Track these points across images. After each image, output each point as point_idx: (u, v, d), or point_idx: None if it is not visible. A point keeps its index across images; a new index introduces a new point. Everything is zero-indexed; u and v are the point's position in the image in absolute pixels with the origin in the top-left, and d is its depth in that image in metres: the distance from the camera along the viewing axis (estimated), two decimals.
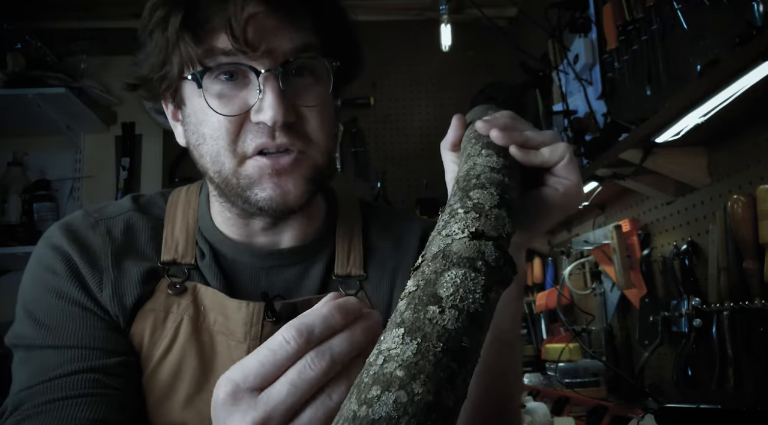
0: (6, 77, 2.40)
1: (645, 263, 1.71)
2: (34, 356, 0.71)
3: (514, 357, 0.68)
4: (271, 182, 0.70)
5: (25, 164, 2.71)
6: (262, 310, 0.74)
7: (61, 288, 0.73)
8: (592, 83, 2.06)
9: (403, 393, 0.35)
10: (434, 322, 0.39)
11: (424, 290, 0.42)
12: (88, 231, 0.77)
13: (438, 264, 0.44)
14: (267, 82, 0.68)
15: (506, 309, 0.63)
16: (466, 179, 0.54)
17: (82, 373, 0.68)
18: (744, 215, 1.25)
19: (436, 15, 2.79)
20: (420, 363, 0.37)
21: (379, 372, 0.37)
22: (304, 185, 0.72)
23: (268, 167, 0.70)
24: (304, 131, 0.72)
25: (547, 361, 2.17)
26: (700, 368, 1.43)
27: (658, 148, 1.44)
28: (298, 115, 0.71)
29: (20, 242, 2.40)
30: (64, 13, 2.83)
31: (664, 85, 1.60)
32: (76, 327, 0.71)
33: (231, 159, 0.70)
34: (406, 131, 3.04)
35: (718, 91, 1.14)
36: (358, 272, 0.82)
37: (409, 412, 0.34)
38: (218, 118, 0.69)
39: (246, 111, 0.69)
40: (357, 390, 0.37)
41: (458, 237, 0.46)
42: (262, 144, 0.69)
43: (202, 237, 0.81)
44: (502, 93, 2.79)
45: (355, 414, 0.35)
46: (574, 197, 0.61)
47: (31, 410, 0.66)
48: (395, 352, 0.37)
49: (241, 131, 0.70)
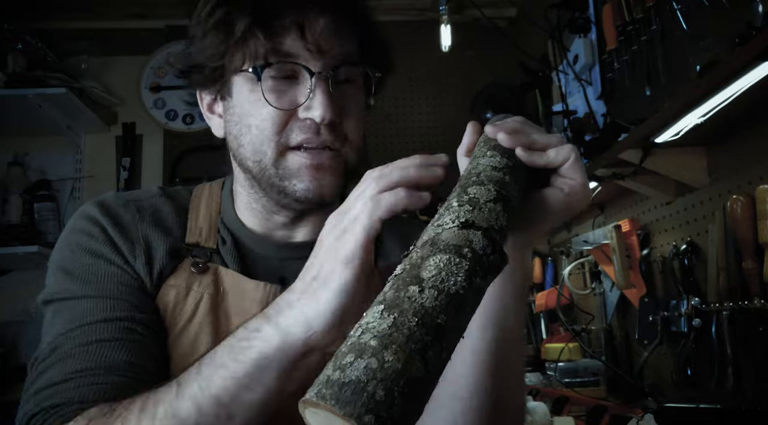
0: (7, 77, 2.41)
1: (644, 263, 1.71)
2: (70, 306, 0.75)
3: (517, 353, 0.70)
4: (310, 175, 0.76)
5: (25, 164, 2.71)
6: (278, 292, 0.77)
7: (97, 248, 0.77)
8: (591, 83, 2.06)
9: (374, 360, 0.38)
10: (413, 300, 0.42)
11: (409, 272, 0.45)
12: (120, 208, 0.82)
13: (426, 250, 0.47)
14: (319, 83, 0.74)
15: (509, 308, 0.65)
16: (467, 177, 0.56)
17: (117, 321, 0.73)
18: (743, 215, 1.25)
19: (436, 15, 2.79)
20: (394, 334, 0.40)
21: (355, 342, 0.40)
22: (338, 180, 0.78)
23: (309, 161, 0.76)
24: (343, 132, 0.78)
25: (547, 361, 2.17)
26: (700, 368, 1.43)
27: (658, 148, 1.44)
28: (341, 116, 0.77)
29: (21, 242, 2.40)
30: (65, 13, 2.83)
31: (663, 86, 1.60)
32: (111, 281, 0.76)
33: (273, 150, 0.76)
34: (406, 131, 3.04)
35: (718, 91, 1.14)
36: None
37: (378, 377, 0.37)
38: (269, 110, 0.75)
39: (296, 107, 0.75)
40: (334, 359, 0.40)
41: (448, 227, 0.48)
42: (307, 139, 0.75)
43: (224, 227, 0.85)
44: (502, 93, 2.80)
45: (328, 378, 0.38)
46: (580, 196, 0.63)
47: (68, 351, 0.70)
48: (372, 325, 0.41)
49: (288, 125, 0.76)
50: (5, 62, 2.44)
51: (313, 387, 0.39)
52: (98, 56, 2.82)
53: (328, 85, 0.75)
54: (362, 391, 0.37)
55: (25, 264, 2.46)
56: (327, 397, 0.37)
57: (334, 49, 0.76)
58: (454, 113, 3.00)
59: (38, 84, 2.43)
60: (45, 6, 2.76)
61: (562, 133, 2.09)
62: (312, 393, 0.38)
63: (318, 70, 0.74)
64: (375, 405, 0.36)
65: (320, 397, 0.37)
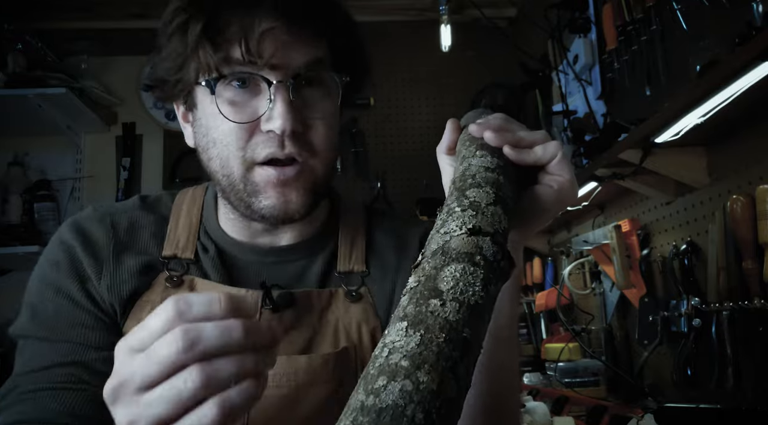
0: (7, 77, 2.41)
1: (644, 263, 1.71)
2: (28, 346, 0.75)
3: (512, 352, 0.70)
4: (275, 191, 0.73)
5: (25, 164, 2.72)
6: (260, 298, 0.76)
7: (60, 283, 0.77)
8: (591, 83, 2.06)
9: (409, 382, 0.36)
10: (436, 314, 0.40)
11: (425, 285, 0.43)
12: (94, 224, 0.81)
13: (438, 260, 0.45)
14: (278, 93, 0.71)
15: (504, 306, 0.65)
16: (462, 179, 0.55)
17: (63, 367, 0.72)
18: (743, 215, 1.25)
19: (436, 15, 2.80)
20: (424, 353, 0.38)
21: (384, 363, 0.38)
22: (305, 196, 0.75)
23: (274, 177, 0.73)
24: (309, 142, 0.74)
25: (547, 361, 2.17)
26: (700, 368, 1.43)
27: (658, 148, 1.44)
28: (306, 125, 0.74)
29: (21, 241, 2.41)
30: (65, 13, 2.84)
31: (663, 86, 1.60)
32: (67, 323, 0.75)
33: (239, 165, 0.73)
34: (406, 131, 3.04)
35: (718, 91, 1.14)
36: (361, 269, 0.84)
37: (415, 400, 0.36)
38: (229, 125, 0.72)
39: (256, 119, 0.72)
40: (364, 382, 0.38)
41: (456, 234, 0.47)
42: (272, 153, 0.72)
43: (207, 235, 0.84)
44: (502, 93, 2.80)
45: (362, 404, 0.36)
46: (568, 193, 0.63)
47: (15, 397, 0.71)
48: (399, 344, 0.39)
49: (251, 138, 0.72)
50: (5, 62, 2.44)
51: (347, 415, 0.37)
52: (98, 56, 2.82)
53: (288, 94, 0.71)
54: (401, 416, 0.35)
55: (25, 264, 2.46)
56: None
57: (293, 56, 0.72)
58: (454, 113, 2.97)
59: (38, 84, 2.43)
60: (45, 6, 2.76)
61: (562, 133, 2.09)
62: (348, 421, 0.36)
63: (277, 79, 0.71)
64: None
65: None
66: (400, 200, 2.92)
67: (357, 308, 0.81)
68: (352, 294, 0.81)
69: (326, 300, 0.81)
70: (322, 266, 0.84)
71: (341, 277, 0.84)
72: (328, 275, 0.84)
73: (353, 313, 0.81)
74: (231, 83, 0.72)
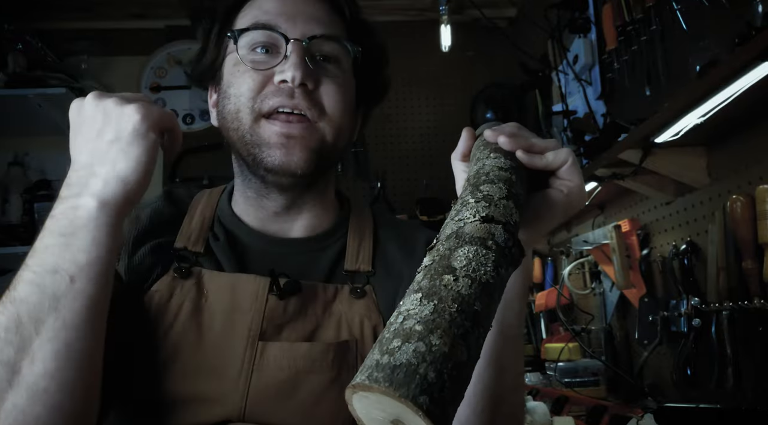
0: (7, 77, 2.41)
1: (644, 263, 1.71)
2: None
3: (517, 351, 0.71)
4: (280, 144, 0.77)
5: (25, 164, 2.72)
6: (267, 284, 0.78)
7: None
8: (591, 84, 2.06)
9: (422, 344, 0.39)
10: (449, 288, 0.44)
11: (440, 263, 0.46)
12: None
13: (452, 242, 0.48)
14: (294, 48, 0.76)
15: (513, 304, 0.67)
16: (477, 176, 0.58)
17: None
18: (743, 215, 1.25)
19: (436, 15, 2.80)
20: (437, 319, 0.41)
21: (399, 328, 0.41)
22: (310, 154, 0.78)
23: (279, 130, 0.77)
24: (319, 100, 0.78)
25: (547, 361, 2.17)
26: (700, 368, 1.43)
27: (658, 148, 1.44)
28: (317, 82, 0.78)
29: (21, 242, 2.41)
30: (65, 13, 2.84)
31: (663, 86, 1.60)
32: None
33: (249, 116, 0.78)
34: (406, 131, 3.04)
35: (718, 91, 1.14)
36: (367, 268, 0.86)
37: (427, 359, 0.38)
38: (245, 77, 0.78)
39: (270, 68, 0.78)
40: (379, 345, 0.41)
41: (470, 221, 0.50)
42: (280, 102, 0.76)
43: (220, 224, 0.86)
44: (502, 93, 2.80)
45: (378, 362, 0.39)
46: (577, 198, 0.65)
47: None
48: (414, 311, 0.42)
49: (263, 89, 0.77)
50: (5, 62, 2.44)
51: (362, 372, 0.39)
52: (98, 56, 2.82)
53: (302, 51, 0.76)
54: (414, 373, 0.38)
55: None
56: (380, 380, 0.38)
57: (311, 18, 0.79)
58: (454, 112, 3.00)
59: (38, 84, 2.43)
60: (45, 6, 2.76)
61: (562, 133, 2.09)
62: (363, 377, 0.39)
63: (294, 37, 0.77)
64: (428, 386, 0.37)
65: (373, 380, 0.38)
66: (400, 200, 2.92)
67: (360, 304, 0.83)
68: (356, 291, 0.83)
69: (331, 295, 0.82)
70: (329, 262, 0.86)
71: (347, 275, 0.85)
72: (334, 272, 0.86)
73: (357, 309, 0.82)
74: (254, 48, 0.79)
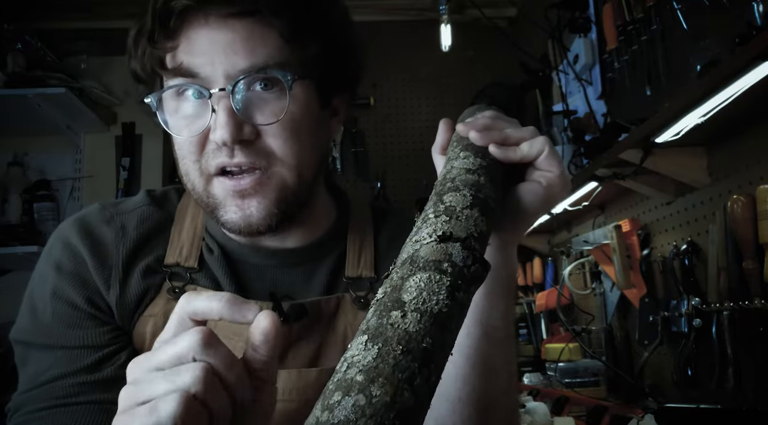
0: (6, 77, 2.40)
1: (645, 263, 1.71)
2: (30, 357, 0.72)
3: (506, 353, 0.67)
4: (234, 204, 0.70)
5: (25, 164, 2.71)
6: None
7: (62, 289, 0.73)
8: (591, 83, 2.06)
9: (362, 397, 0.37)
10: (396, 326, 0.41)
11: (390, 296, 0.44)
12: (102, 226, 0.77)
13: (405, 270, 0.45)
14: (219, 102, 0.67)
15: (495, 307, 0.64)
16: (442, 183, 0.55)
17: (69, 377, 0.69)
18: (744, 215, 1.25)
19: (436, 15, 2.79)
20: (380, 366, 0.38)
21: (341, 379, 0.38)
22: (270, 207, 0.70)
23: (230, 188, 0.69)
24: (266, 149, 0.69)
25: (547, 361, 2.17)
26: (700, 368, 1.43)
27: (658, 148, 1.44)
28: (259, 132, 0.69)
29: (21, 242, 2.40)
30: (65, 13, 2.84)
31: (664, 86, 1.60)
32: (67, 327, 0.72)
33: (199, 178, 0.71)
34: (406, 131, 3.04)
35: (718, 91, 1.14)
36: (369, 274, 0.82)
37: (367, 413, 0.36)
38: (183, 137, 0.70)
39: (205, 131, 0.69)
40: (322, 398, 0.38)
41: (426, 242, 0.47)
42: (222, 163, 0.69)
43: (211, 237, 0.80)
44: (502, 93, 2.80)
45: (317, 419, 0.37)
46: (558, 188, 0.61)
47: (23, 417, 0.68)
48: (357, 358, 0.39)
49: (204, 149, 0.70)
50: (5, 62, 2.44)
51: None
52: (98, 56, 2.82)
53: (230, 102, 0.66)
54: None
55: (25, 264, 2.46)
56: None
57: (233, 51, 0.66)
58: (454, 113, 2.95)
59: (38, 84, 2.42)
60: (45, 6, 2.76)
61: (563, 133, 2.09)
62: None
63: (217, 87, 0.66)
64: None
65: None
66: (400, 200, 2.93)
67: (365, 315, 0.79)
68: (360, 301, 0.79)
69: (334, 307, 0.78)
70: (329, 270, 0.81)
71: (349, 282, 0.81)
72: (335, 280, 0.81)
73: (361, 318, 0.78)
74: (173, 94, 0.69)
